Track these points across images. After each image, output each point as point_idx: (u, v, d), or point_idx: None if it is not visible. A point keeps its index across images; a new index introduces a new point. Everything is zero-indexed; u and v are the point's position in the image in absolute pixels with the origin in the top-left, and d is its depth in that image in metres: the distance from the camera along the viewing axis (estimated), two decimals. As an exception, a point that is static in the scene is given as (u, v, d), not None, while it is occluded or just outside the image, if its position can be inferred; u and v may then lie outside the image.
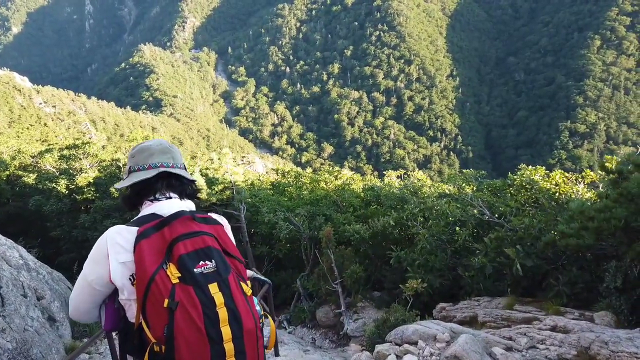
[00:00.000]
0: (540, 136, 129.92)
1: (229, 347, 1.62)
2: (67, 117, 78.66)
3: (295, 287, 11.12)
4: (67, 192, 15.79)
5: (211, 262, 1.71)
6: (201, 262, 1.69)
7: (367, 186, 14.11)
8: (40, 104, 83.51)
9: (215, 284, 1.67)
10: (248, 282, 1.85)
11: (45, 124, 53.42)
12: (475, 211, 8.17)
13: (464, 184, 10.86)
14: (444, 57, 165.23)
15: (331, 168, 16.67)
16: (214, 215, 1.97)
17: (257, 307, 1.87)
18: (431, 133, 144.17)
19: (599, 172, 9.21)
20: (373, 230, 10.16)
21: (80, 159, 17.77)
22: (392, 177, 14.38)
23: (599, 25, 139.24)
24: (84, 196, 15.92)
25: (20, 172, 17.78)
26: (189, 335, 1.59)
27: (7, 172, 17.77)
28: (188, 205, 1.95)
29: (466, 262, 7.73)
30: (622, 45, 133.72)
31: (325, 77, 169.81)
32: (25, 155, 18.49)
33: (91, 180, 16.08)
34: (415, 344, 4.56)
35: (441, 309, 7.83)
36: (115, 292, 1.82)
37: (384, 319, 5.88)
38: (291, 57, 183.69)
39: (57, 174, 17.43)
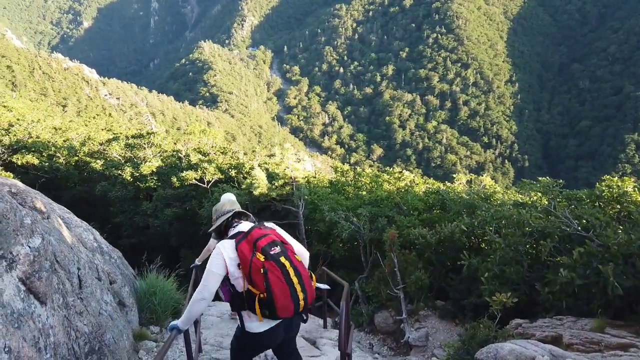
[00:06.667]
0: (604, 148, 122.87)
1: (298, 287, 3.05)
2: (129, 108, 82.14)
3: (353, 289, 10.77)
4: (131, 179, 16.21)
5: (277, 247, 3.13)
6: (273, 248, 3.10)
7: (429, 189, 13.53)
8: (106, 95, 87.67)
9: (283, 256, 3.10)
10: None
11: (110, 114, 55.89)
12: (560, 223, 7.51)
13: (540, 193, 10.12)
14: (503, 61, 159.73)
15: (392, 169, 16.18)
16: (267, 224, 3.39)
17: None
18: (486, 139, 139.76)
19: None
20: (440, 235, 9.66)
21: (145, 148, 18.24)
22: (461, 181, 13.74)
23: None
24: (147, 184, 16.29)
25: (88, 159, 18.40)
26: (277, 284, 2.99)
27: (76, 158, 18.43)
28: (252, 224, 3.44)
29: (548, 276, 7.11)
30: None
31: (378, 79, 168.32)
32: (95, 143, 19.15)
33: (154, 169, 16.43)
34: (510, 365, 4.12)
35: (517, 326, 7.26)
36: (226, 279, 3.17)
37: (471, 334, 5.44)
38: (345, 58, 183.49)
39: (123, 161, 17.95)
